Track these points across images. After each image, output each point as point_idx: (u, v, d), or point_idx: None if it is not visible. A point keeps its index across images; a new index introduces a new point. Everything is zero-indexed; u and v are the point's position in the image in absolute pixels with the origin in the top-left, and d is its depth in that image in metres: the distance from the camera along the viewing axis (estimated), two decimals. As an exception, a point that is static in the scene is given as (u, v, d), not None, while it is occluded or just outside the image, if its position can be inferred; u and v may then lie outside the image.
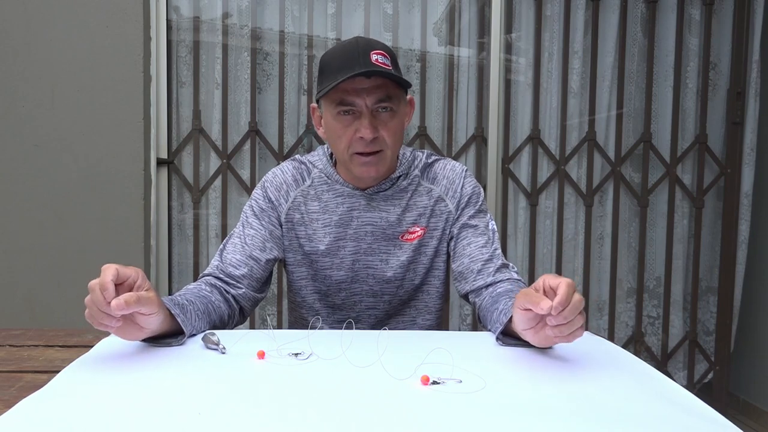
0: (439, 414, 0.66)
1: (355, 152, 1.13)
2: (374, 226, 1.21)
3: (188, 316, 0.94)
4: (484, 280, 1.15)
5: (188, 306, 0.96)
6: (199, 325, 0.98)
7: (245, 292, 1.15)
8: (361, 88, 1.09)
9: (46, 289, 2.14)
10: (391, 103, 1.11)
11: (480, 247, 1.19)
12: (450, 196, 1.23)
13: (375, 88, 1.09)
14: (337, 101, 1.11)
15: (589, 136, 2.46)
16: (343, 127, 1.12)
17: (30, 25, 2.10)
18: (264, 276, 1.20)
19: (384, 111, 1.11)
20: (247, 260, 1.17)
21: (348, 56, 1.09)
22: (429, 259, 1.23)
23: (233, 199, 2.37)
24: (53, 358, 0.87)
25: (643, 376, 0.81)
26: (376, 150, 1.12)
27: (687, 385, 2.56)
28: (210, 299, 1.06)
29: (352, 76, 1.06)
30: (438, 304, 1.28)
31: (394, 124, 1.13)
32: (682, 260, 2.56)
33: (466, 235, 1.21)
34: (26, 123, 2.11)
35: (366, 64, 1.07)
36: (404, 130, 1.20)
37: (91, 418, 0.63)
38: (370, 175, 1.14)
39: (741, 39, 2.49)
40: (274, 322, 2.39)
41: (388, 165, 1.16)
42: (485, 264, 1.17)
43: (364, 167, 1.13)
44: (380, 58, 1.09)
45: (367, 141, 1.10)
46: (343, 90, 1.09)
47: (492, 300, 1.08)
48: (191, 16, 2.31)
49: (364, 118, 1.10)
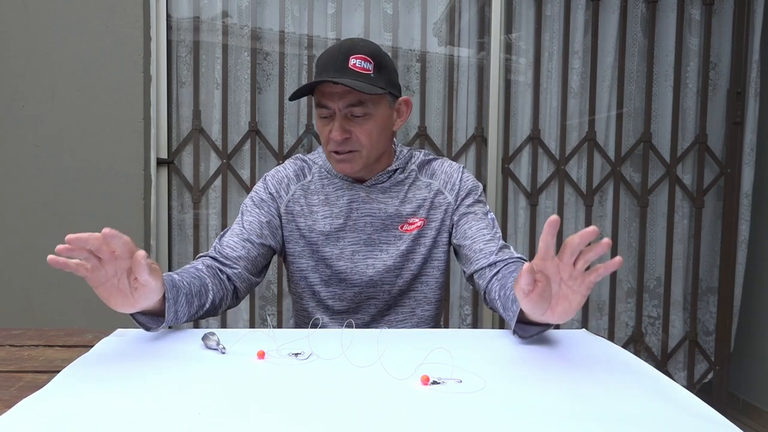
0: (439, 414, 0.66)
1: (331, 150, 1.19)
2: (373, 217, 1.24)
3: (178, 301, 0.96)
4: (486, 259, 1.17)
5: (182, 290, 0.98)
6: (184, 311, 0.99)
7: (240, 272, 1.17)
8: (334, 92, 1.14)
9: (45, 289, 2.13)
10: (364, 108, 1.15)
11: (481, 229, 1.22)
12: (449, 189, 1.27)
13: (346, 92, 1.14)
14: (317, 102, 1.18)
15: (589, 136, 2.46)
16: (322, 126, 1.19)
17: (30, 25, 2.10)
18: (260, 260, 1.22)
19: (357, 115, 1.16)
20: (244, 243, 1.20)
21: (329, 59, 1.15)
22: (427, 249, 1.25)
23: (233, 199, 2.37)
24: (53, 358, 0.87)
25: (643, 376, 0.81)
26: (348, 149, 1.17)
27: (687, 385, 2.56)
28: (204, 281, 1.08)
29: (321, 81, 1.12)
30: (437, 295, 1.30)
31: (369, 126, 1.17)
32: (682, 260, 2.56)
33: (467, 220, 1.24)
34: (26, 123, 2.11)
35: (341, 69, 1.12)
36: (389, 130, 1.22)
37: (91, 418, 0.63)
38: (345, 171, 1.21)
39: (741, 39, 2.49)
40: (274, 322, 2.39)
41: (366, 162, 1.20)
42: (486, 244, 1.19)
43: (338, 164, 1.20)
44: (359, 62, 1.13)
45: (338, 142, 1.16)
46: (321, 92, 1.16)
47: (500, 285, 1.08)
48: (191, 16, 2.31)
49: (336, 121, 1.16)
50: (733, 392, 2.66)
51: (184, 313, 0.99)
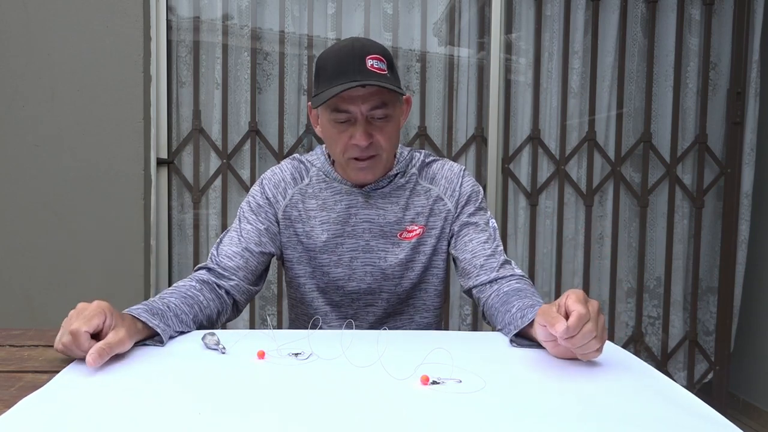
0: (439, 414, 0.66)
1: (351, 157, 1.14)
2: (372, 224, 1.21)
3: (167, 324, 0.94)
4: (487, 275, 1.15)
5: (167, 312, 0.96)
6: (177, 329, 0.97)
7: (238, 284, 1.15)
8: (356, 95, 1.09)
9: (45, 289, 2.13)
10: (386, 110, 1.11)
11: (482, 243, 1.19)
12: (449, 195, 1.24)
13: (370, 95, 1.09)
14: (332, 107, 1.11)
15: (589, 136, 2.46)
16: (338, 132, 1.13)
17: (30, 25, 2.10)
18: (259, 269, 1.20)
19: (379, 117, 1.12)
20: (243, 252, 1.17)
21: (344, 62, 1.08)
22: (427, 257, 1.23)
23: (233, 199, 2.37)
24: (53, 358, 0.87)
25: (643, 376, 0.81)
26: (371, 155, 1.13)
27: (687, 385, 2.56)
28: (197, 299, 1.06)
29: (351, 86, 1.05)
30: (437, 303, 1.28)
31: (389, 129, 1.13)
32: (682, 260, 2.56)
33: (468, 231, 1.21)
34: (26, 123, 2.11)
35: (362, 71, 1.07)
36: (400, 130, 1.20)
37: (91, 418, 0.63)
38: (367, 179, 1.17)
39: (741, 39, 2.49)
40: (274, 322, 2.39)
41: (384, 167, 1.18)
42: (488, 259, 1.17)
43: (361, 172, 1.15)
44: (376, 63, 1.09)
45: (362, 147, 1.11)
46: (339, 97, 1.09)
47: (500, 300, 1.07)
48: (191, 16, 2.31)
49: (359, 126, 1.10)
50: (733, 392, 2.66)
51: (178, 326, 0.98)
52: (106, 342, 0.81)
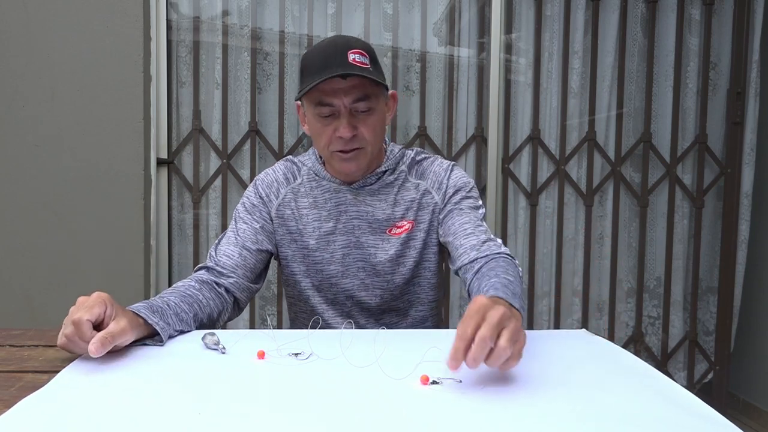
0: (439, 414, 0.66)
1: (336, 150, 1.15)
2: (361, 220, 1.23)
3: (167, 322, 0.94)
4: (467, 255, 1.14)
5: (167, 311, 0.96)
6: (177, 327, 0.97)
7: (237, 281, 1.16)
8: (339, 88, 1.11)
9: (45, 289, 2.13)
10: (369, 102, 1.13)
11: (463, 224, 1.19)
12: (436, 188, 1.25)
13: (352, 87, 1.11)
14: (316, 101, 1.13)
15: (589, 136, 2.46)
16: (322, 126, 1.15)
17: (30, 25, 2.10)
18: (258, 267, 1.22)
19: (363, 110, 1.13)
20: (241, 250, 1.19)
21: (326, 56, 1.11)
22: (418, 252, 1.24)
23: (233, 199, 2.36)
24: (53, 358, 0.87)
25: (643, 376, 0.81)
26: (355, 147, 1.15)
27: (687, 385, 2.56)
28: (197, 298, 1.07)
29: (330, 78, 1.08)
30: (431, 296, 1.29)
31: (372, 121, 1.15)
32: (682, 260, 2.56)
33: (451, 216, 1.22)
34: (26, 123, 2.11)
35: (343, 64, 1.09)
36: (386, 124, 1.22)
37: (90, 418, 0.63)
38: (351, 170, 1.18)
39: (741, 39, 2.49)
40: (274, 322, 2.39)
41: (369, 159, 1.19)
42: (467, 238, 1.16)
43: (345, 163, 1.16)
44: (358, 57, 1.11)
45: (345, 140, 1.13)
46: (321, 90, 1.11)
47: (477, 283, 1.07)
48: (191, 16, 2.31)
49: (343, 118, 1.13)
50: (733, 392, 2.66)
51: (178, 324, 0.98)
52: (107, 331, 0.82)
